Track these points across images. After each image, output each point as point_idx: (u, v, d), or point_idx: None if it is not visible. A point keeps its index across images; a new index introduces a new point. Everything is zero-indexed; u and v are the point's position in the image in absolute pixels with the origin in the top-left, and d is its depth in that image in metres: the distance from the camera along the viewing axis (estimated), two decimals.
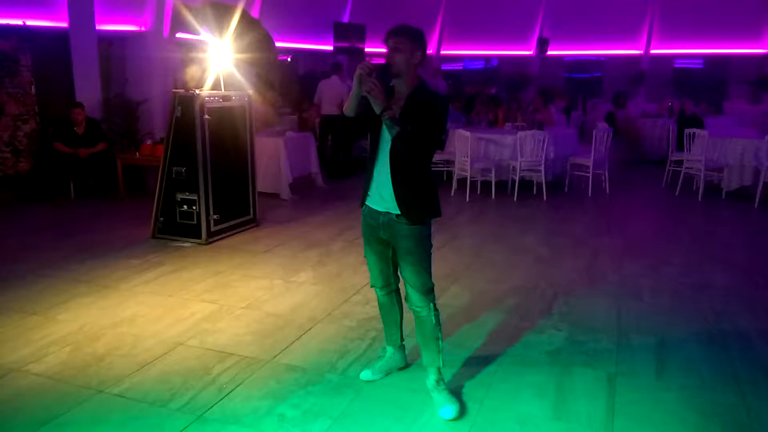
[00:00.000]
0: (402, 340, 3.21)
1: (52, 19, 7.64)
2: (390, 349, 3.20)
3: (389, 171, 2.71)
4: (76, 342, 3.56)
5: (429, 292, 2.82)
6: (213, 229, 5.64)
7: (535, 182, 7.91)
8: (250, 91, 6.08)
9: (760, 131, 7.82)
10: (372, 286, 3.06)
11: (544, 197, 7.57)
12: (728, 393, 3.03)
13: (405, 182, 2.70)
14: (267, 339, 3.64)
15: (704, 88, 16.62)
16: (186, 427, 2.72)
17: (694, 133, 7.85)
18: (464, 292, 4.40)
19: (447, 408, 2.81)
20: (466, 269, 4.94)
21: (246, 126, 5.98)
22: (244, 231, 6.01)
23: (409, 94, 2.69)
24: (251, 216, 6.15)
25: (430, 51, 17.64)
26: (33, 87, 7.38)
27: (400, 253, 2.80)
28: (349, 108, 2.74)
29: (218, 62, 5.81)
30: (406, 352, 3.26)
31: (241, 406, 2.90)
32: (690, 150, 7.89)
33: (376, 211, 2.80)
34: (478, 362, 3.34)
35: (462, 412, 2.84)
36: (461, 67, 19.10)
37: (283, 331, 3.74)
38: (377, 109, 2.59)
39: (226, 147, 5.75)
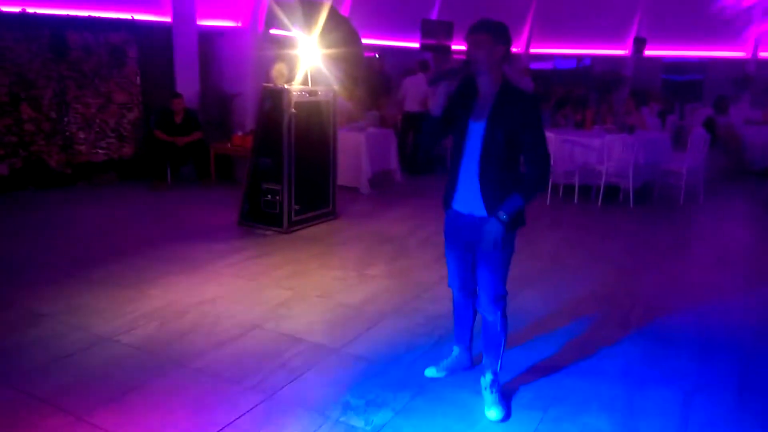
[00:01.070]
0: (471, 341, 3.21)
1: (157, 14, 8.18)
2: (457, 349, 3.21)
3: (477, 174, 2.66)
4: (164, 317, 3.82)
5: (500, 299, 2.80)
6: (294, 219, 5.85)
7: (621, 188, 7.59)
8: (336, 87, 6.25)
9: None
10: (449, 286, 3.07)
11: (631, 204, 7.26)
12: None
13: (494, 186, 2.65)
14: (337, 328, 3.76)
15: None
16: (257, 405, 2.87)
17: None
18: (537, 297, 4.33)
19: (493, 409, 2.81)
20: (540, 274, 4.85)
21: (330, 121, 6.15)
22: (322, 222, 6.19)
23: (496, 94, 2.63)
24: (330, 208, 6.32)
25: (517, 49, 17.30)
26: (138, 78, 7.94)
27: (479, 256, 2.78)
28: (436, 106, 2.70)
29: (307, 58, 6.00)
30: (473, 353, 3.26)
31: (309, 390, 3.02)
32: None
33: (462, 213, 2.79)
34: (546, 369, 3.29)
35: (506, 416, 2.82)
36: (551, 67, 18.58)
37: (354, 322, 3.85)
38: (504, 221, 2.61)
39: (311, 141, 5.93)
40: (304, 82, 5.96)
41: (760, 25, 15.80)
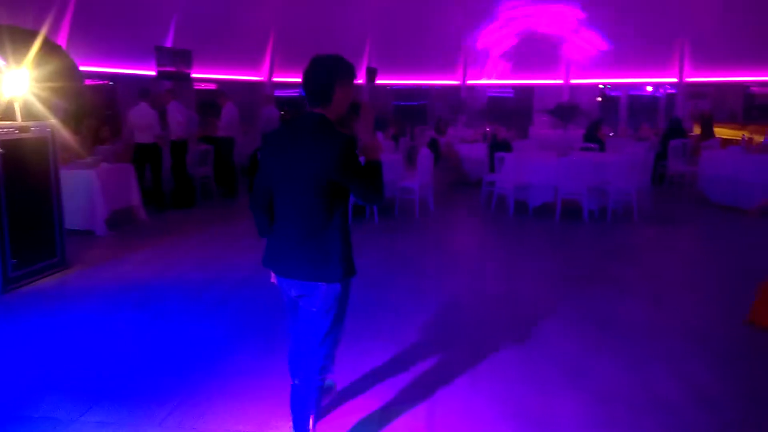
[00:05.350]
0: None
1: None
2: None
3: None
4: None
5: None
6: (11, 275, 5.00)
7: (367, 207, 8.17)
8: (53, 121, 5.55)
9: (558, 154, 8.85)
10: None
11: (376, 221, 7.84)
12: (532, 393, 3.33)
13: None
14: (74, 395, 3.29)
15: (513, 115, 18.57)
16: None
17: (503, 156, 8.68)
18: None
19: None
20: None
21: (49, 159, 5.43)
22: (50, 275, 5.42)
23: None
24: (59, 258, 5.56)
25: (262, 78, 17.58)
26: None
27: None
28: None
29: (13, 90, 5.22)
30: None
31: None
32: (500, 171, 8.70)
33: None
34: None
35: None
36: (297, 94, 19.30)
37: (94, 385, 3.41)
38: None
39: (26, 183, 5.16)
40: (10, 117, 5.17)
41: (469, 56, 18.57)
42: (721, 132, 13.60)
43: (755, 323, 4.20)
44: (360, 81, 17.81)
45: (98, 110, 7.89)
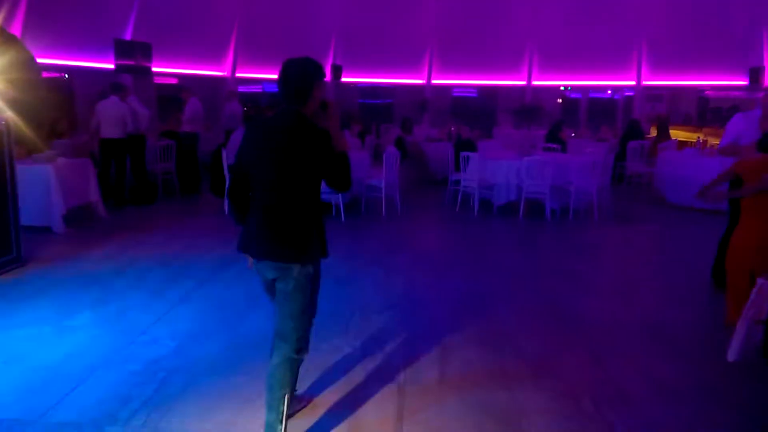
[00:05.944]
0: None
1: None
2: None
3: None
4: None
5: None
6: None
7: (333, 204, 8.13)
8: (9, 114, 5.35)
9: (521, 153, 9.00)
10: None
11: (342, 218, 7.82)
12: (500, 389, 3.38)
13: None
14: (34, 396, 3.19)
15: (478, 115, 18.78)
16: None
17: (468, 156, 8.77)
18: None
19: None
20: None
21: (4, 153, 5.23)
22: (6, 272, 5.22)
23: None
24: (14, 255, 5.37)
25: (225, 73, 17.30)
26: None
27: None
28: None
29: None
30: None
31: None
32: (465, 171, 8.79)
33: None
34: None
35: None
36: (261, 90, 19.06)
37: (54, 385, 3.31)
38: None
39: None
40: None
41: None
42: (677, 134, 14.07)
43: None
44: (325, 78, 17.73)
45: (56, 103, 7.61)
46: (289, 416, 2.89)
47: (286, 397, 2.64)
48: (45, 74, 10.48)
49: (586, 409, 3.17)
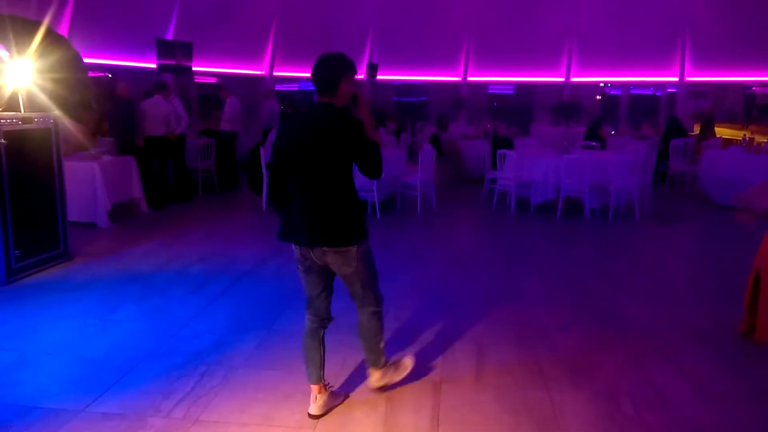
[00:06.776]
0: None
1: None
2: None
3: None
4: None
5: None
6: (15, 266, 5.01)
7: (368, 202, 8.16)
8: (57, 113, 5.53)
9: (559, 151, 8.86)
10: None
11: (378, 215, 7.84)
12: (537, 389, 3.35)
13: None
14: (79, 386, 3.30)
15: (514, 112, 18.57)
16: None
17: (504, 153, 8.68)
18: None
19: None
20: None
21: (52, 150, 5.42)
22: (53, 266, 5.42)
23: None
24: (61, 249, 5.56)
25: (263, 72, 17.53)
26: None
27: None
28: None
29: (16, 81, 5.21)
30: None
31: None
32: (502, 169, 8.71)
33: None
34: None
35: None
36: (297, 88, 19.24)
37: (99, 376, 3.42)
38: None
39: (29, 174, 5.16)
40: (15, 108, 5.16)
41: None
42: (722, 132, 13.62)
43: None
44: (361, 76, 17.78)
45: (102, 102, 7.84)
46: (325, 412, 2.96)
47: (383, 340, 3.13)
48: (90, 73, 10.80)
49: (624, 410, 3.11)
